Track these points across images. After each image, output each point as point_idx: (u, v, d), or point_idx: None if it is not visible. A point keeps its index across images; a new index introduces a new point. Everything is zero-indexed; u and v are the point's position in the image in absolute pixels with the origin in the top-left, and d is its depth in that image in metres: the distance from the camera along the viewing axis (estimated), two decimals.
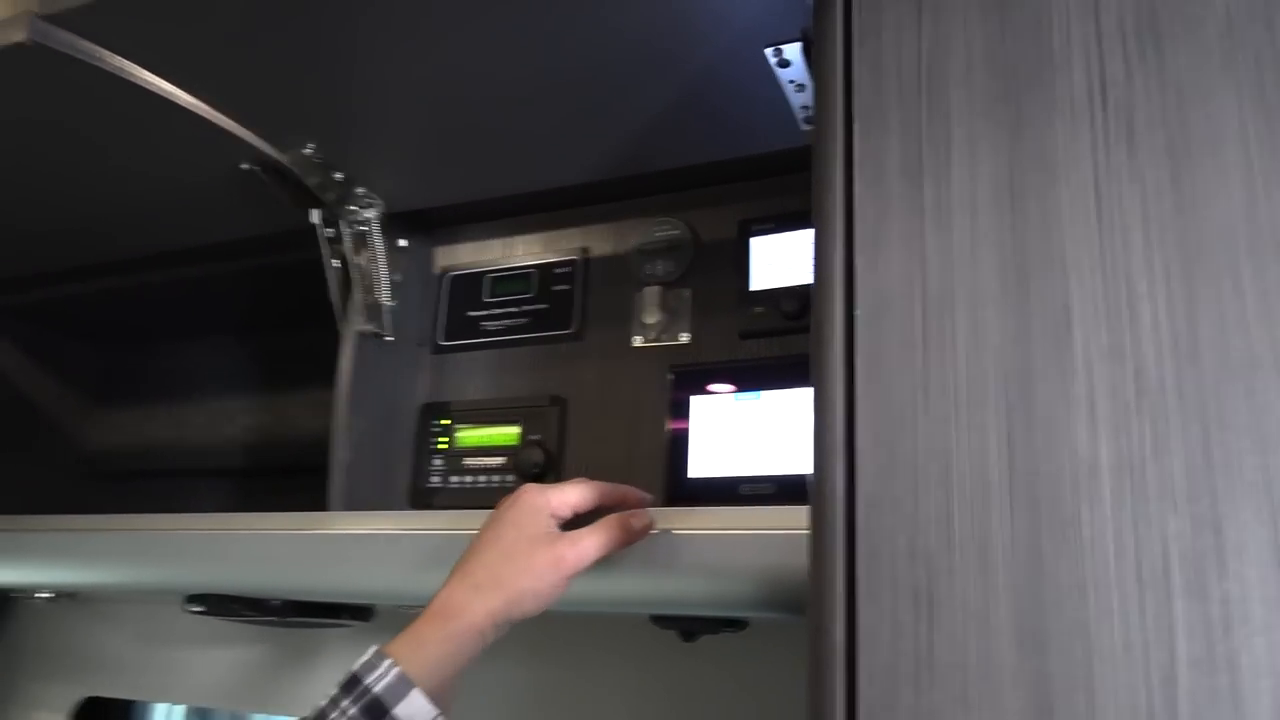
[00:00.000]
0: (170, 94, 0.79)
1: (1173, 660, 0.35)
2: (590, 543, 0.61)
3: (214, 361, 1.29)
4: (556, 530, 0.62)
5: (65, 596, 1.19)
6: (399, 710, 0.55)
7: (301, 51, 0.74)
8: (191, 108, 0.80)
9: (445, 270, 1.04)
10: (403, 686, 0.56)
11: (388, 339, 0.98)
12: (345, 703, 0.55)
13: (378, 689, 0.55)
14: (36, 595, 1.18)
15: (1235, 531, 0.36)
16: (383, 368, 0.98)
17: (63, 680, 1.22)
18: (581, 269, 0.97)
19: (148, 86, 0.77)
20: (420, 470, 0.97)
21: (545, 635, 0.90)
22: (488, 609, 0.58)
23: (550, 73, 0.74)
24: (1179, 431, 0.37)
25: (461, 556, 0.62)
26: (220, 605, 0.88)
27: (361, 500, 0.92)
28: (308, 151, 0.87)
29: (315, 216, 0.94)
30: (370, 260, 0.97)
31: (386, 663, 0.56)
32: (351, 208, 0.94)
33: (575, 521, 0.63)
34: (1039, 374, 0.40)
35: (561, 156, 0.87)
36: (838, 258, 0.44)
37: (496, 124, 0.82)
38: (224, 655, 1.11)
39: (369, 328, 0.96)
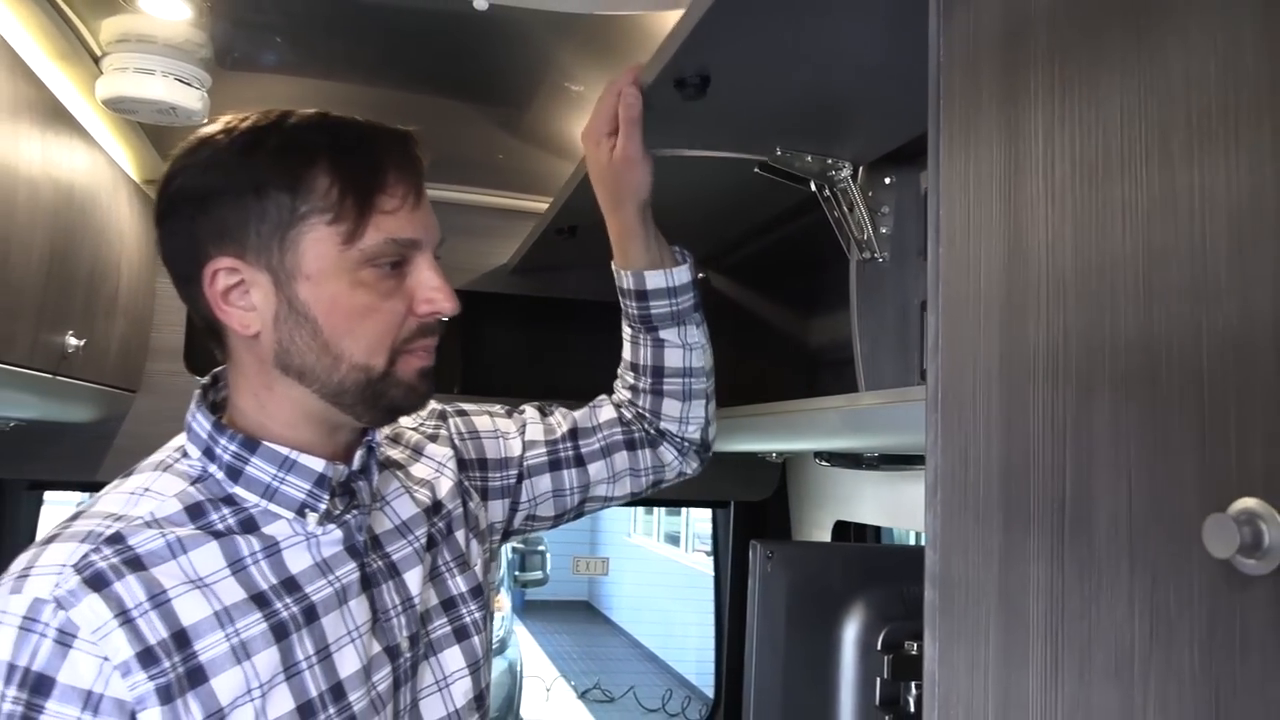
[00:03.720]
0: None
1: None
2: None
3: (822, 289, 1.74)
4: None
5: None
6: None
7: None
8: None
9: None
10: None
11: (880, 259, 1.29)
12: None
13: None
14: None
15: None
16: (885, 281, 1.30)
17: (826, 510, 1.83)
18: None
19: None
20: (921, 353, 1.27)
21: None
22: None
23: None
24: None
25: None
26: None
27: (879, 382, 1.28)
28: (780, 153, 1.25)
29: (811, 186, 1.30)
30: (856, 206, 1.29)
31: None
32: (830, 174, 1.28)
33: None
34: None
35: None
36: None
37: None
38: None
39: (866, 255, 1.29)
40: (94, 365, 1.46)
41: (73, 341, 1.32)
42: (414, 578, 0.92)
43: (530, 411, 1.20)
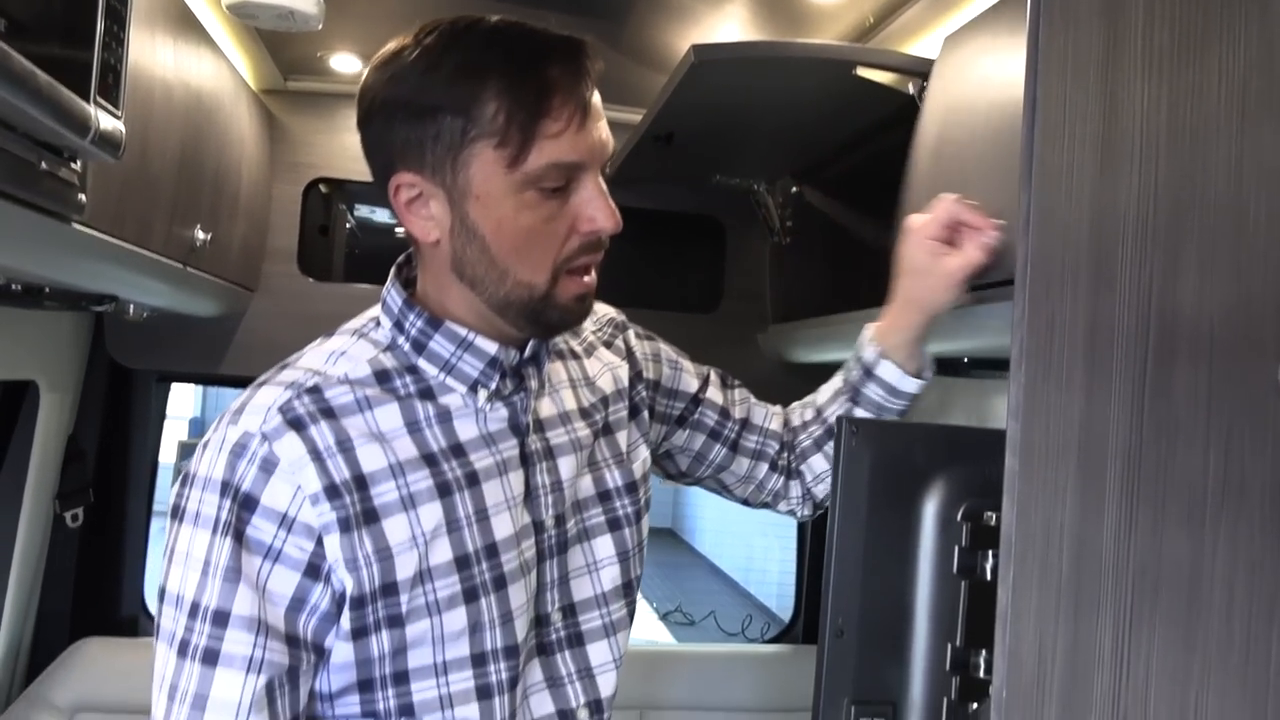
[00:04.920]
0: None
1: None
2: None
3: None
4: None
5: None
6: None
7: None
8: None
9: None
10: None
11: None
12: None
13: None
14: None
15: None
16: None
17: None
18: None
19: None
20: None
21: None
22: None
23: None
24: None
25: None
26: None
27: None
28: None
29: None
30: None
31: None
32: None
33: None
34: None
35: None
36: None
37: None
38: None
39: None
40: (218, 260, 1.56)
41: (200, 236, 1.42)
42: (567, 464, 0.99)
43: (714, 374, 1.23)
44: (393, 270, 0.97)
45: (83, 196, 0.96)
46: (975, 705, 0.82)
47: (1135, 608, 0.58)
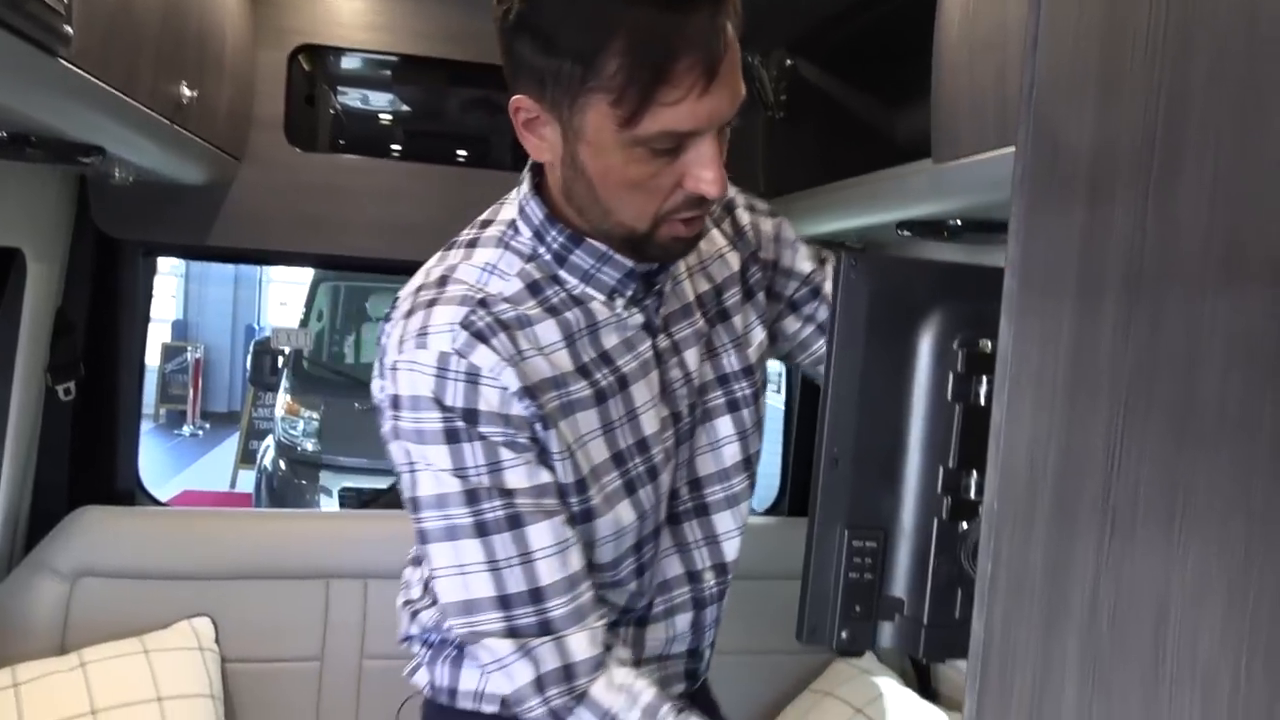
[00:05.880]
0: None
1: None
2: None
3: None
4: None
5: None
6: None
7: None
8: None
9: None
10: None
11: None
12: None
13: None
14: None
15: None
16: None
17: None
18: None
19: None
20: None
21: None
22: None
23: None
24: None
25: None
26: None
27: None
28: None
29: None
30: None
31: None
32: None
33: None
34: None
35: None
36: None
37: None
38: None
39: None
40: (205, 122, 1.53)
41: (186, 92, 1.39)
42: (692, 356, 1.04)
43: (829, 267, 1.17)
44: (527, 175, 0.98)
45: (69, 28, 0.94)
46: (965, 525, 0.85)
47: (1129, 406, 0.60)
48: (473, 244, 0.98)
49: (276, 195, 1.86)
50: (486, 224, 1.00)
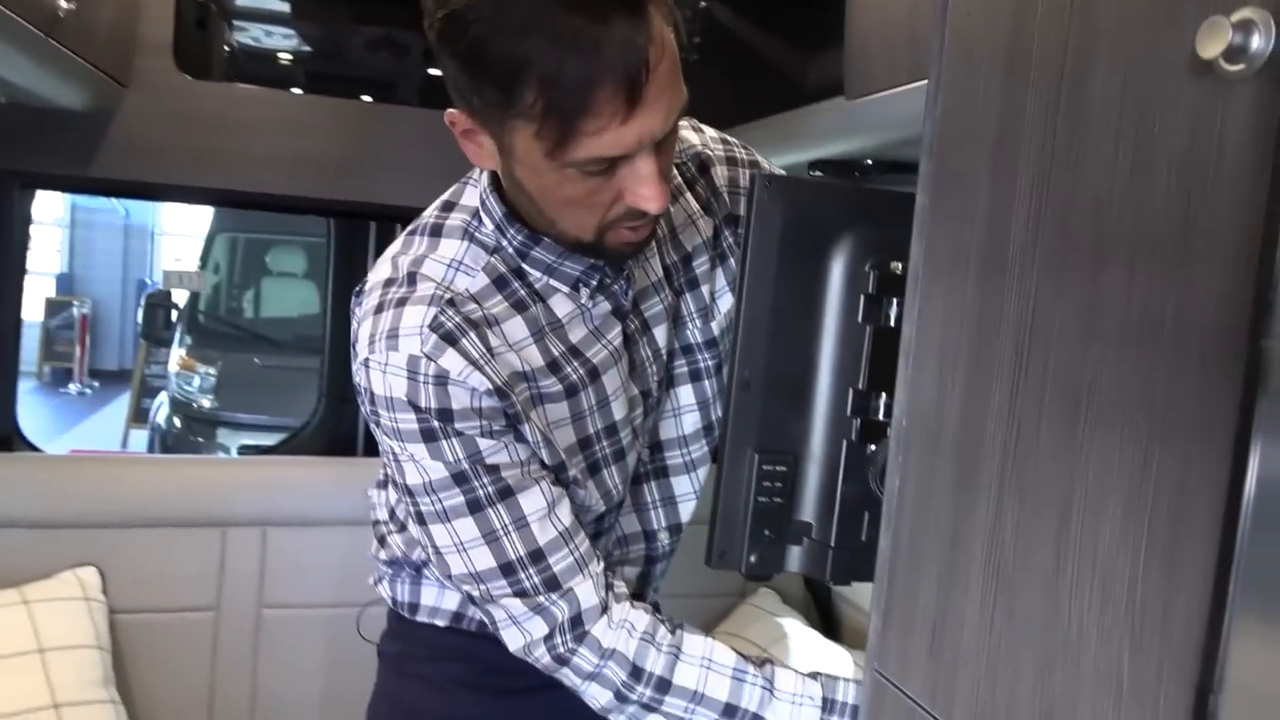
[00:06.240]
0: None
1: None
2: None
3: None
4: None
5: None
6: None
7: None
8: None
9: None
10: None
11: None
12: None
13: None
14: None
15: None
16: None
17: None
18: None
19: None
20: None
21: None
22: None
23: None
24: None
25: None
26: None
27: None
28: None
29: None
30: None
31: None
32: None
33: None
34: None
35: None
36: None
37: None
38: None
39: None
40: (84, 40, 1.44)
41: (63, 4, 1.29)
42: (661, 333, 1.04)
43: None
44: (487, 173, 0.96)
45: None
46: (873, 447, 0.85)
47: (1039, 291, 0.60)
48: (437, 231, 0.97)
49: (166, 124, 1.77)
50: (450, 206, 0.99)
